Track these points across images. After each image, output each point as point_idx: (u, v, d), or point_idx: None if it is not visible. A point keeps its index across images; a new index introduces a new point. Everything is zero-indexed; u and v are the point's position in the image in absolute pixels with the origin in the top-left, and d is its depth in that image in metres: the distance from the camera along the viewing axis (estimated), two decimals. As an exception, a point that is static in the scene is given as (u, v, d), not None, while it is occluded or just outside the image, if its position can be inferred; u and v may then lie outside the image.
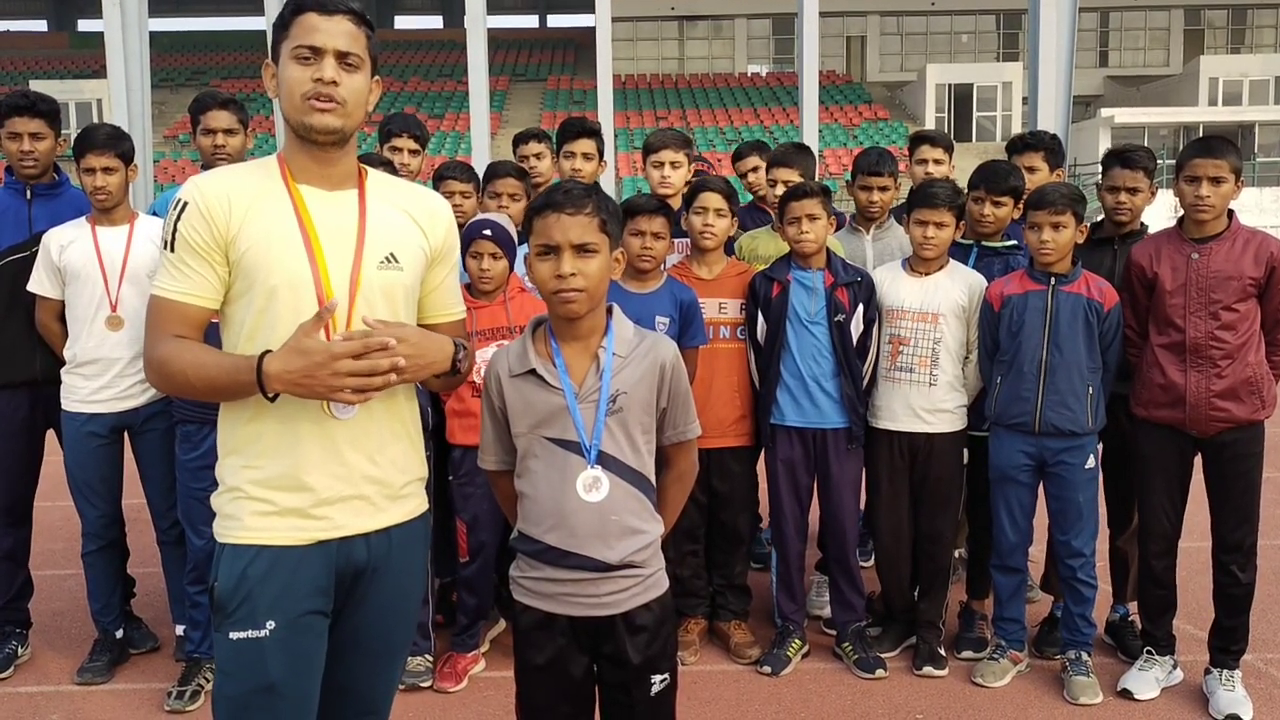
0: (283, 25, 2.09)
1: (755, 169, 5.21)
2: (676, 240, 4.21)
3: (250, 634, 2.05)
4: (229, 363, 2.01)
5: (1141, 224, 4.19)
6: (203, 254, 2.04)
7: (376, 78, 2.15)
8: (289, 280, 2.05)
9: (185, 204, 2.05)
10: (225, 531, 2.11)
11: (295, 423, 2.06)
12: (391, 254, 2.15)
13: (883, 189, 4.49)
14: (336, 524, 2.11)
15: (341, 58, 2.06)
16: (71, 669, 4.07)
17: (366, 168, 2.23)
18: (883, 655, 4.09)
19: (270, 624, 2.05)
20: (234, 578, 2.06)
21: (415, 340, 2.06)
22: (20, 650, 4.17)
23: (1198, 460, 3.78)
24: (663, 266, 4.05)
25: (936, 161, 4.84)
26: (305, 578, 2.08)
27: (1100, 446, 3.99)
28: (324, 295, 2.06)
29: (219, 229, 2.04)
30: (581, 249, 2.24)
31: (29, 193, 4.03)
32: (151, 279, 2.16)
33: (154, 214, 4.12)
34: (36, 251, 3.91)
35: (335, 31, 2.05)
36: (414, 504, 2.26)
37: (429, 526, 2.34)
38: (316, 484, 2.08)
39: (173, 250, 2.06)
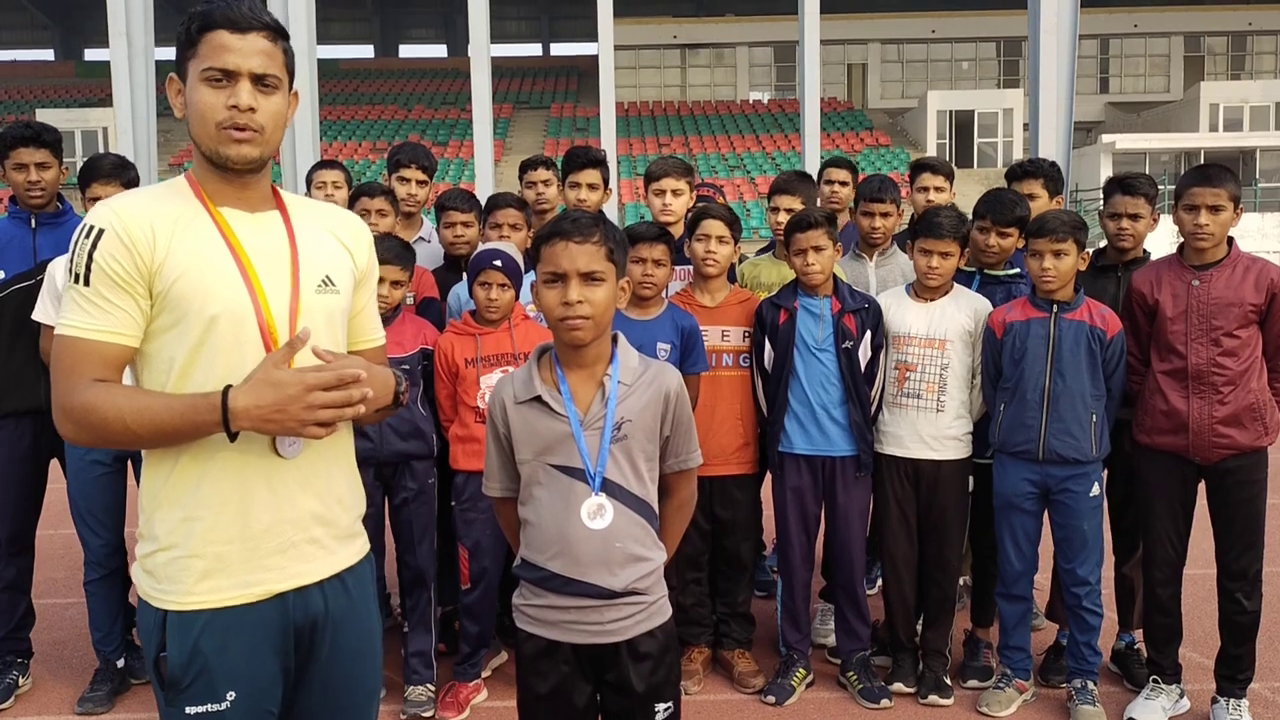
0: (189, 41, 1.86)
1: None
2: (679, 268, 4.23)
3: (210, 708, 1.88)
4: (181, 404, 1.79)
5: (1144, 251, 4.20)
6: (124, 286, 1.81)
7: (295, 90, 1.96)
8: (228, 310, 1.85)
9: (100, 231, 1.81)
10: (165, 597, 1.88)
11: (239, 465, 1.87)
12: (327, 277, 1.99)
13: (885, 215, 4.51)
14: (289, 573, 1.93)
15: (258, 80, 1.85)
16: (73, 699, 4.06)
17: (279, 187, 2.06)
18: (906, 689, 4.04)
19: (231, 695, 1.89)
20: (186, 651, 1.87)
21: (374, 373, 1.92)
22: (21, 680, 4.16)
23: (1202, 487, 3.77)
24: (664, 294, 4.06)
25: (938, 189, 4.89)
26: (262, 639, 1.92)
27: (1105, 473, 3.98)
28: (266, 324, 1.88)
29: (143, 258, 1.81)
30: (588, 277, 2.25)
31: (33, 222, 4.07)
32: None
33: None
34: (41, 280, 3.93)
35: (249, 51, 1.84)
36: (360, 543, 2.11)
37: (374, 564, 2.19)
38: (265, 530, 1.90)
39: (87, 284, 1.80)
